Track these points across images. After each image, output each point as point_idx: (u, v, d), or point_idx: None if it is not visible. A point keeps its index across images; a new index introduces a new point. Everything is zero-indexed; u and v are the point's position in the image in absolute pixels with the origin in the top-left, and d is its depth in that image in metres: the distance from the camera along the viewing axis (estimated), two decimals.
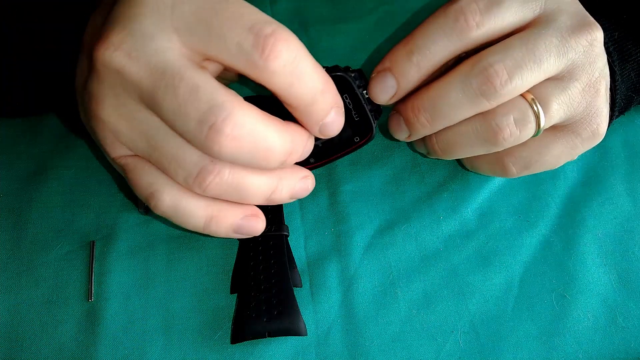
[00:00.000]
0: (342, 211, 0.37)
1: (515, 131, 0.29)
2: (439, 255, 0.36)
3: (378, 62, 0.31)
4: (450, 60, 0.30)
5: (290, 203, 0.38)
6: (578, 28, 0.29)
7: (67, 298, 0.34)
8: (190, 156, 0.25)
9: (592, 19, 0.30)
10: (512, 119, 0.29)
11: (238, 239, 0.36)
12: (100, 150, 0.38)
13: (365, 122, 0.32)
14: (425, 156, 0.39)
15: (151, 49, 0.23)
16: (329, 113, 0.26)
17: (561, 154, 0.32)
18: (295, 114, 0.26)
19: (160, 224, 0.37)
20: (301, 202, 0.38)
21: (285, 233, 0.36)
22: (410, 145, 0.39)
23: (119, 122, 0.25)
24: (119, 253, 0.35)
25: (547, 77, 0.29)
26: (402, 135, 0.33)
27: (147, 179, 0.27)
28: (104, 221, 0.36)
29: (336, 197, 0.38)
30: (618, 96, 0.33)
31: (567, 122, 0.31)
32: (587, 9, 0.32)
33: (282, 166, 0.27)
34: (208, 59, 0.25)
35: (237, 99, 0.24)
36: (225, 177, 0.25)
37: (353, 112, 0.32)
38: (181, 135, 0.24)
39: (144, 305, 0.34)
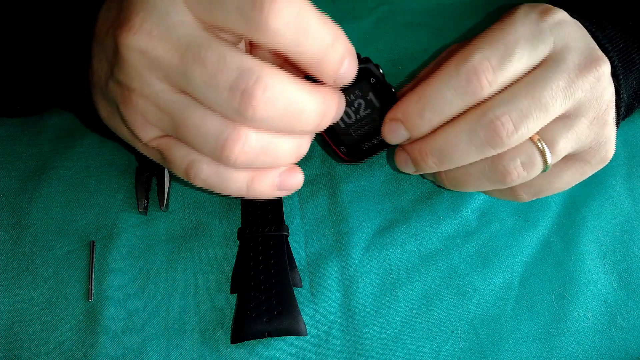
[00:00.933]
0: (342, 211, 0.37)
1: (523, 172, 0.30)
2: (439, 255, 0.36)
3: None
4: None
5: (290, 203, 0.38)
6: (585, 66, 0.29)
7: (67, 298, 0.34)
8: (214, 127, 0.25)
9: (599, 52, 0.30)
10: (519, 162, 0.29)
11: (238, 239, 0.36)
12: (100, 150, 0.39)
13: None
14: (434, 183, 0.38)
15: (170, 25, 0.24)
16: (342, 64, 0.25)
17: (571, 180, 0.33)
18: (308, 71, 0.26)
19: (160, 224, 0.37)
20: (301, 202, 0.38)
21: (285, 233, 0.36)
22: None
23: (147, 104, 0.26)
24: (119, 253, 0.35)
25: (553, 119, 0.29)
26: (408, 170, 0.33)
27: (181, 153, 0.27)
28: (104, 221, 0.36)
29: (336, 197, 0.38)
30: (622, 107, 0.33)
31: (575, 153, 0.32)
32: (592, 12, 0.32)
33: (316, 129, 0.27)
34: (221, 29, 0.24)
35: (264, 63, 0.24)
36: (253, 143, 0.25)
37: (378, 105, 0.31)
38: (212, 106, 0.24)
39: (144, 305, 0.34)
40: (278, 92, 0.23)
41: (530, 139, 0.29)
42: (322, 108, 0.26)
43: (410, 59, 0.44)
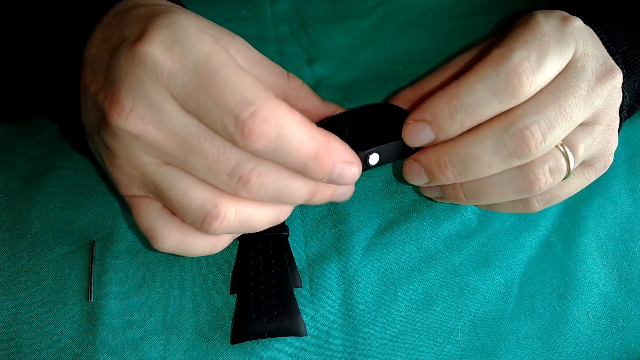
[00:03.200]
0: (342, 211, 0.37)
1: (550, 179, 0.29)
2: (439, 255, 0.36)
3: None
4: None
5: None
6: (603, 76, 0.29)
7: (67, 298, 0.34)
8: (199, 201, 0.26)
9: (613, 62, 0.30)
10: (548, 168, 0.29)
11: (238, 239, 0.36)
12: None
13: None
14: (433, 200, 0.37)
15: (162, 114, 0.24)
16: (331, 171, 0.26)
17: (577, 186, 0.33)
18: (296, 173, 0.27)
19: None
20: None
21: (285, 233, 0.36)
22: (416, 188, 0.38)
23: (133, 172, 0.27)
24: (119, 253, 0.35)
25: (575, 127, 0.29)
26: (420, 182, 0.31)
27: (149, 222, 0.28)
28: (104, 221, 0.36)
29: None
30: (625, 109, 0.33)
31: (586, 159, 0.32)
32: (597, 13, 0.32)
33: (308, 203, 0.28)
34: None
35: (254, 160, 0.25)
36: (232, 218, 0.27)
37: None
38: (207, 183, 0.26)
39: (144, 305, 0.34)
40: (271, 179, 0.25)
41: (555, 145, 0.29)
42: (313, 191, 0.27)
43: (410, 59, 0.44)
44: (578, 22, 0.30)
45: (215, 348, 0.33)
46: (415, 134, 0.29)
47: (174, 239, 0.28)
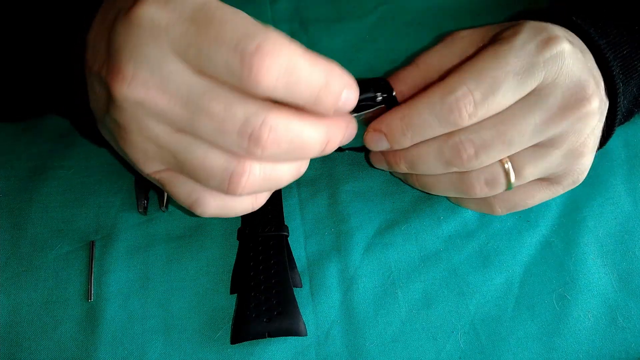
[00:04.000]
0: (342, 211, 0.37)
1: (485, 188, 0.32)
2: (439, 255, 0.36)
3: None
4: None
5: (290, 203, 0.38)
6: (568, 106, 0.29)
7: (67, 298, 0.34)
8: (219, 163, 0.26)
9: (589, 90, 0.29)
10: (483, 179, 0.31)
11: (238, 239, 0.36)
12: (100, 150, 0.39)
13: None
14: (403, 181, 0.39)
15: (164, 75, 0.24)
16: (339, 99, 0.26)
17: (543, 198, 0.34)
18: (306, 109, 0.26)
19: (160, 224, 0.37)
20: (301, 202, 0.38)
21: (285, 233, 0.36)
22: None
23: (147, 144, 0.26)
24: (119, 253, 0.35)
25: (519, 150, 0.30)
26: (382, 167, 0.36)
27: (186, 189, 0.27)
28: (104, 221, 0.36)
29: (336, 197, 0.38)
30: (619, 114, 0.33)
31: (547, 177, 0.33)
32: (599, 15, 0.32)
33: (321, 155, 0.28)
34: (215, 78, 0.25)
35: (268, 105, 0.24)
36: (257, 174, 0.26)
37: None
38: (219, 146, 0.25)
39: (144, 305, 0.34)
40: (283, 130, 0.25)
41: (499, 160, 0.31)
42: (326, 137, 0.27)
43: (410, 59, 0.43)
44: (559, 47, 0.29)
45: (215, 348, 0.33)
46: (374, 141, 0.32)
47: (215, 200, 0.27)
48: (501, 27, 0.32)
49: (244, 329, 0.32)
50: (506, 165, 0.31)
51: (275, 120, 0.24)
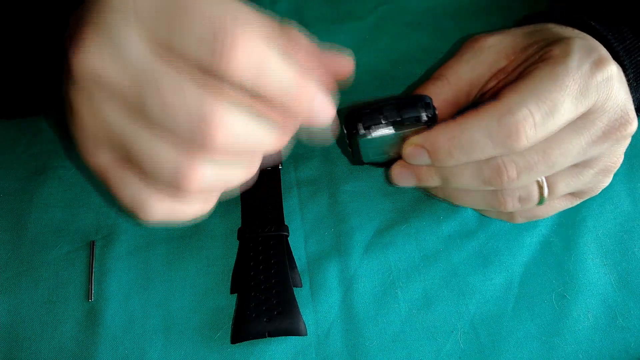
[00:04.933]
0: (342, 211, 0.37)
1: (518, 204, 0.31)
2: (439, 255, 0.36)
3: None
4: None
5: (290, 203, 0.38)
6: (612, 130, 0.29)
7: (67, 298, 0.34)
8: (170, 155, 0.24)
9: (632, 113, 0.29)
10: (517, 195, 0.31)
11: (238, 239, 0.36)
12: None
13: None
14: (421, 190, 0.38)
15: (124, 46, 0.22)
16: (312, 100, 0.24)
17: (561, 208, 0.34)
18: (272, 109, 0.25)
19: (160, 224, 0.37)
20: (301, 202, 0.38)
21: (285, 233, 0.36)
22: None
23: (97, 129, 0.25)
24: (119, 253, 0.35)
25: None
26: (406, 184, 0.33)
27: (131, 188, 0.26)
28: (104, 221, 0.36)
29: (336, 197, 0.38)
30: None
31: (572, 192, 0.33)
32: (616, 20, 0.31)
33: (275, 150, 0.26)
34: (178, 56, 0.23)
35: (221, 93, 0.23)
36: (208, 169, 0.24)
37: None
38: (167, 131, 0.23)
39: (144, 305, 0.34)
40: (234, 121, 0.23)
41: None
42: (281, 135, 0.25)
43: (410, 59, 0.44)
44: (610, 70, 0.29)
45: (216, 348, 0.33)
46: (414, 156, 0.31)
47: (162, 203, 0.26)
48: (529, 35, 0.31)
49: (244, 329, 0.32)
50: (540, 181, 0.30)
51: (227, 109, 0.23)
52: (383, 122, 0.30)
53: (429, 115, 0.30)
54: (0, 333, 0.33)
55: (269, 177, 0.38)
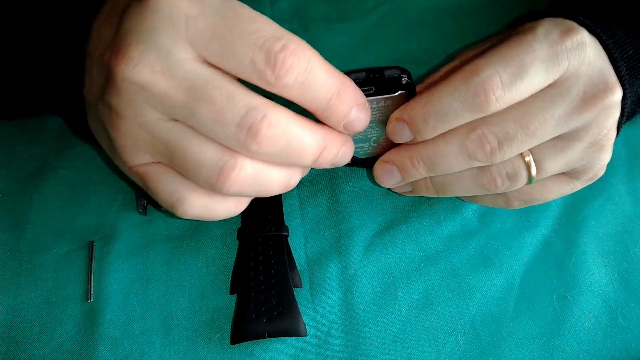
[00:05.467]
0: (342, 211, 0.37)
1: (507, 182, 0.31)
2: (440, 255, 0.36)
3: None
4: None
5: (290, 203, 0.38)
6: (591, 96, 0.29)
7: (67, 298, 0.34)
8: (211, 155, 0.25)
9: (612, 79, 0.29)
10: (504, 172, 0.31)
11: (238, 239, 0.36)
12: (100, 150, 0.39)
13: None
14: (401, 194, 0.37)
15: (173, 61, 0.24)
16: (349, 113, 0.26)
17: (561, 193, 0.34)
18: (317, 117, 0.27)
19: (159, 224, 0.37)
20: (301, 202, 0.38)
21: (285, 233, 0.36)
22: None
23: (139, 132, 0.26)
24: (119, 253, 0.35)
25: (542, 142, 0.30)
26: (392, 182, 0.33)
27: (169, 187, 0.27)
28: (104, 221, 0.36)
29: (336, 197, 0.38)
30: (625, 115, 0.33)
31: (566, 171, 0.32)
32: (605, 15, 0.31)
33: (314, 165, 0.27)
34: (226, 72, 0.25)
35: (269, 102, 0.25)
36: (248, 171, 0.26)
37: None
38: (215, 138, 0.25)
39: (144, 305, 0.34)
40: (282, 129, 0.25)
41: (520, 153, 0.30)
42: (323, 144, 0.27)
43: (410, 59, 0.43)
44: (580, 37, 0.29)
45: (215, 348, 0.33)
46: (396, 131, 0.31)
47: (199, 200, 0.27)
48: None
49: (244, 329, 0.32)
50: (527, 159, 0.30)
51: (276, 116, 0.24)
52: (363, 89, 0.29)
53: (408, 81, 0.30)
54: (0, 333, 0.33)
55: None
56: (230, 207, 0.29)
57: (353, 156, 0.33)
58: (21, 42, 0.33)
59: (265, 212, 0.36)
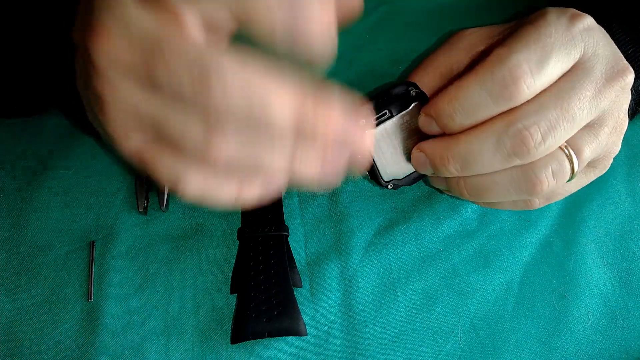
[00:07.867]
0: (342, 211, 0.37)
1: (553, 181, 0.29)
2: (439, 255, 0.36)
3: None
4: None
5: (290, 203, 0.38)
6: (612, 76, 0.29)
7: (67, 298, 0.34)
8: (193, 122, 0.24)
9: (624, 61, 0.30)
10: (550, 170, 0.29)
11: (238, 239, 0.36)
12: (100, 150, 0.39)
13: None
14: (442, 192, 0.37)
15: (127, 18, 0.23)
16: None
17: (578, 185, 0.33)
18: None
19: (160, 224, 0.37)
20: (301, 202, 0.38)
21: (285, 233, 0.36)
22: (426, 180, 0.38)
23: (126, 112, 0.25)
24: (119, 253, 0.35)
25: (579, 129, 0.29)
26: (427, 172, 0.32)
27: (167, 164, 0.26)
28: (104, 221, 0.36)
29: (336, 197, 0.38)
30: (631, 105, 0.33)
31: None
32: (603, 15, 0.31)
33: (297, 131, 0.24)
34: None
35: (220, 51, 0.23)
36: (232, 144, 0.24)
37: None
38: (181, 102, 0.24)
39: (144, 305, 0.34)
40: (238, 80, 0.22)
41: (559, 147, 0.29)
42: (295, 102, 0.24)
43: (410, 59, 0.43)
44: (589, 21, 0.29)
45: (215, 348, 0.33)
46: (426, 126, 0.31)
47: (197, 177, 0.26)
48: (508, 27, 0.32)
49: (244, 329, 0.32)
50: (567, 151, 0.29)
51: (229, 64, 0.22)
52: (379, 115, 0.30)
53: (417, 91, 0.30)
54: (1, 333, 0.33)
55: None
56: (232, 190, 0.27)
57: (396, 180, 0.33)
58: (25, 34, 0.32)
59: (265, 212, 0.37)
